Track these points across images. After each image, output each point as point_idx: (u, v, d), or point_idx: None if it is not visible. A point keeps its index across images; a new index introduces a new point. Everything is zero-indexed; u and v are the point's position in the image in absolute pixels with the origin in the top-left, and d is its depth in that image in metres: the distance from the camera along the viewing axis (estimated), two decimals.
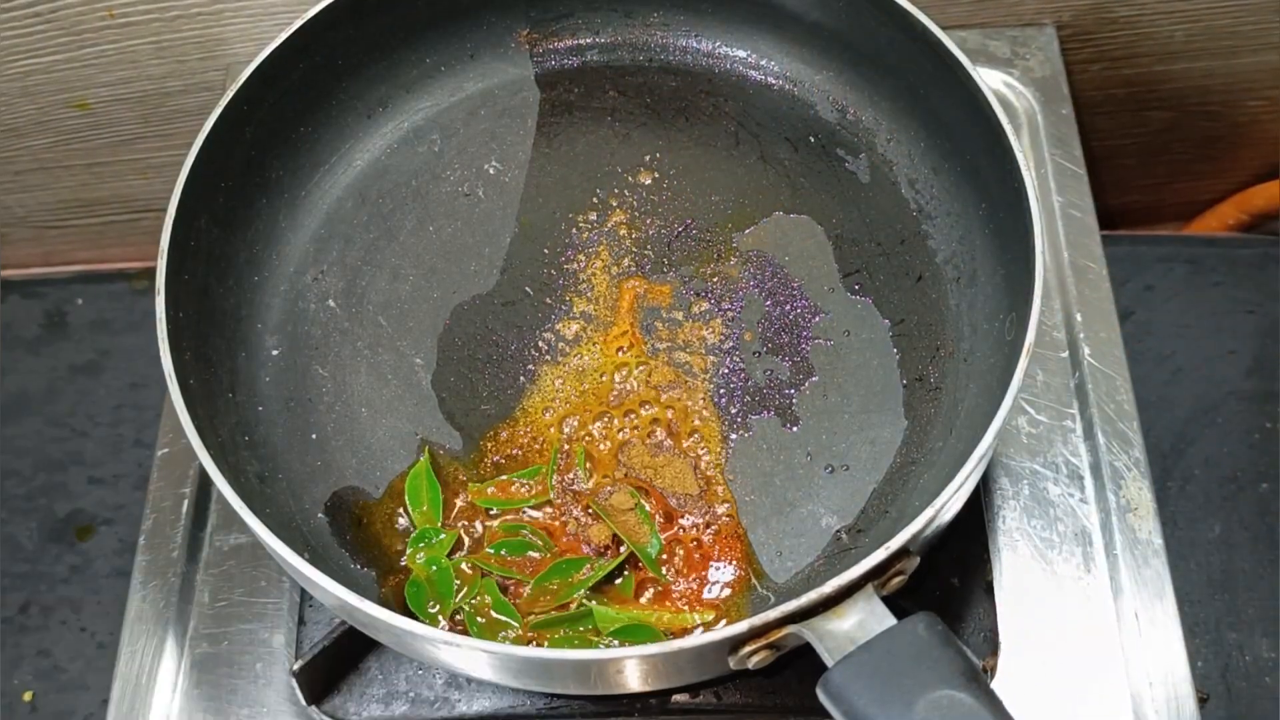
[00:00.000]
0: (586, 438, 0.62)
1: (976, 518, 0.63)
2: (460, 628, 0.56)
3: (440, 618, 0.56)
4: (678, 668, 0.50)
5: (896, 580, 0.49)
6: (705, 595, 0.57)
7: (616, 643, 0.55)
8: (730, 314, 0.65)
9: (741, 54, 0.73)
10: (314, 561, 0.49)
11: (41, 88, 0.82)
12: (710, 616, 0.56)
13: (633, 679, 0.50)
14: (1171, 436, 0.79)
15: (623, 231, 0.68)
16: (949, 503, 0.50)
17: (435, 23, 0.70)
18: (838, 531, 0.58)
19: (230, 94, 0.62)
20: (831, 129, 0.70)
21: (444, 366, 0.65)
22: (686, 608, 0.57)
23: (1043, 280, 0.54)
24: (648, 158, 0.71)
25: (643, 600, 0.57)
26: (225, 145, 0.62)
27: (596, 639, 0.56)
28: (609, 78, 0.73)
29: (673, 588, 0.57)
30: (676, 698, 0.60)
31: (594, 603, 0.56)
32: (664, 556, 0.58)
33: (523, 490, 0.60)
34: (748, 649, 0.47)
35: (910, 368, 0.62)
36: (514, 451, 0.62)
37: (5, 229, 0.96)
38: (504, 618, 0.56)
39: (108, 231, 0.97)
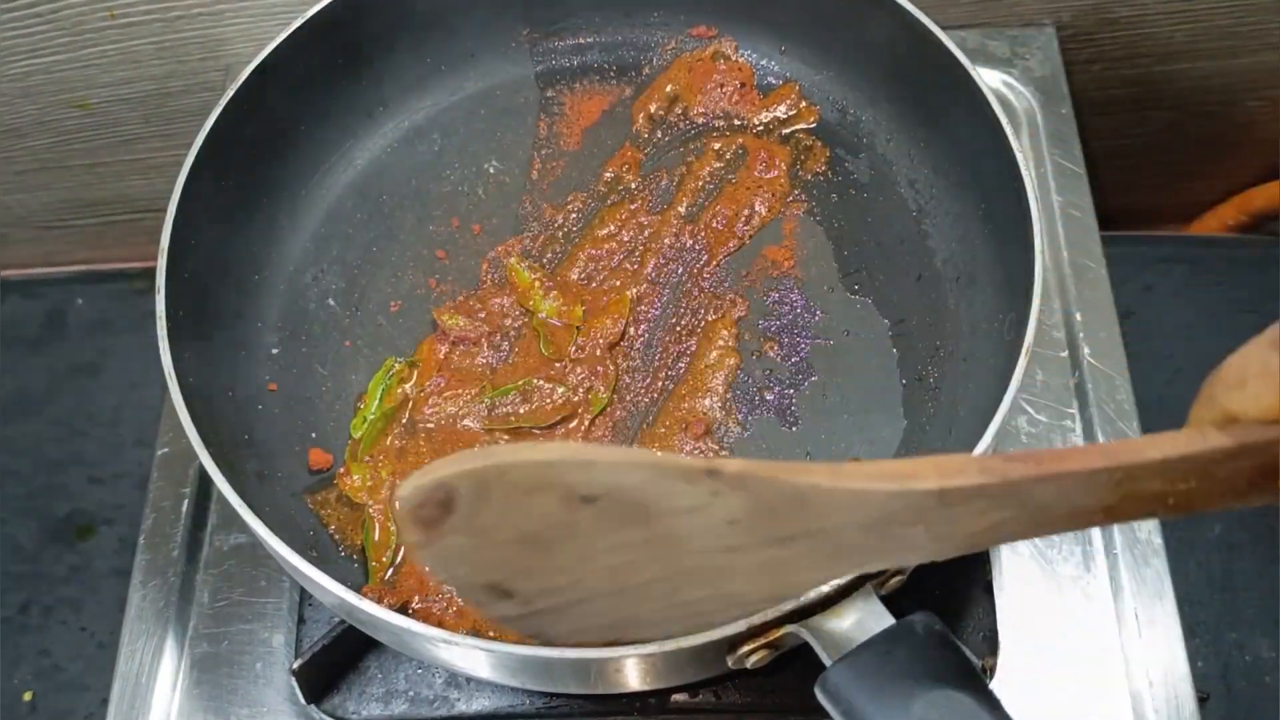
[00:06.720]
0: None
1: None
2: None
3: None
4: (676, 666, 0.50)
5: (895, 580, 0.49)
6: None
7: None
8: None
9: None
10: (313, 560, 0.49)
11: (42, 88, 0.82)
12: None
13: (631, 678, 0.50)
14: None
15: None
16: None
17: (435, 22, 0.70)
18: None
19: (230, 93, 0.62)
20: (831, 129, 0.70)
21: None
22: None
23: (1042, 280, 0.54)
24: None
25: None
26: (226, 145, 0.62)
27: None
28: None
29: None
30: (676, 697, 0.60)
31: None
32: None
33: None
34: (746, 648, 0.47)
35: (909, 367, 0.62)
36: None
37: (5, 229, 0.96)
38: None
39: (108, 231, 0.97)
